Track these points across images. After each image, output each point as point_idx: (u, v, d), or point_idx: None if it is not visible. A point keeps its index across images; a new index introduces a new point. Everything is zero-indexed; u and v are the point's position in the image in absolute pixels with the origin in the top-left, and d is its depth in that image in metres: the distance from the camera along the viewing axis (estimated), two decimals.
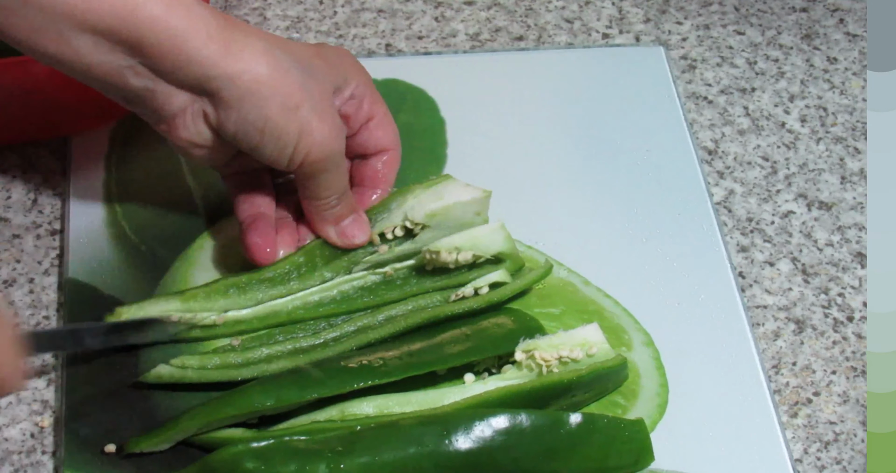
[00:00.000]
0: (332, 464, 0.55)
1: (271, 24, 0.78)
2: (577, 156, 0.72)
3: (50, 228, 0.68)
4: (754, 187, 0.72)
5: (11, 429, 0.60)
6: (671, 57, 0.78)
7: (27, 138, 0.71)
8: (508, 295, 0.64)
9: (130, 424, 0.60)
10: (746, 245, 0.69)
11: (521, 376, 0.60)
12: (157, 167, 0.70)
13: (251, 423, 0.59)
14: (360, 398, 0.59)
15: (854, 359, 0.65)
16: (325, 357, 0.61)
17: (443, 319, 0.63)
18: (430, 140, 0.72)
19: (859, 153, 0.74)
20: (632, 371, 0.63)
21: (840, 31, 0.81)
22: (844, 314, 0.67)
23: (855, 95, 0.77)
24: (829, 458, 0.61)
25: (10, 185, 0.69)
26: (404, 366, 0.59)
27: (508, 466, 0.57)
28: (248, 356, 0.61)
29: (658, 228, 0.69)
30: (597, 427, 0.58)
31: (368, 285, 0.65)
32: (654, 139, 0.73)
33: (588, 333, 0.61)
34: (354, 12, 0.79)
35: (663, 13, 0.81)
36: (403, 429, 0.57)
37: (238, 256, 0.65)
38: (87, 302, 0.64)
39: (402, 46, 0.77)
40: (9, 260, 0.66)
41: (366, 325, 0.63)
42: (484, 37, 0.78)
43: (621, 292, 0.66)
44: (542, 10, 0.80)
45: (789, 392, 0.64)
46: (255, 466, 0.55)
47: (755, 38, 0.80)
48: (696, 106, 0.76)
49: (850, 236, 0.70)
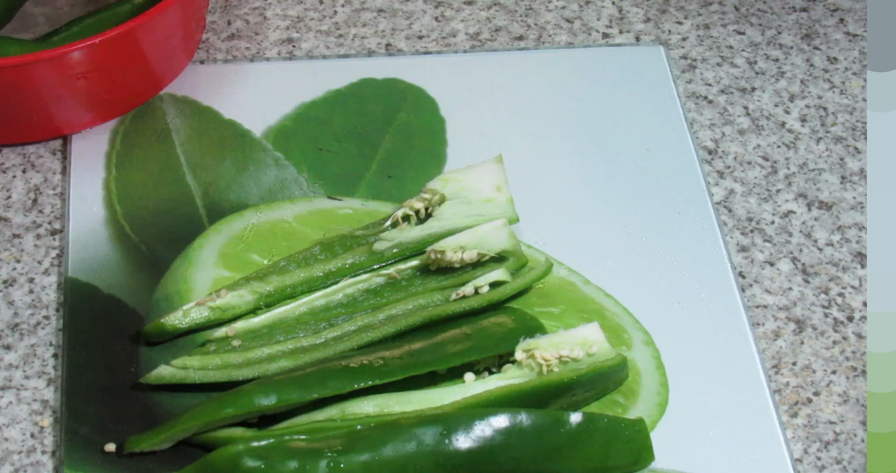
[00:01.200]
0: (333, 463, 0.55)
1: (271, 24, 0.78)
2: (576, 155, 0.72)
3: (50, 228, 0.68)
4: (754, 187, 0.72)
5: (11, 429, 0.60)
6: (671, 57, 0.78)
7: (27, 138, 0.71)
8: (508, 294, 0.64)
9: (130, 424, 0.60)
10: (746, 245, 0.69)
11: (522, 375, 0.60)
12: (157, 167, 0.70)
13: (251, 423, 0.59)
14: (361, 398, 0.59)
15: (854, 359, 0.65)
16: (326, 357, 0.61)
17: (443, 318, 0.63)
18: (430, 140, 0.72)
19: (859, 153, 0.74)
20: (632, 371, 0.63)
21: (840, 31, 0.81)
22: (844, 313, 0.67)
23: (855, 95, 0.77)
24: (829, 458, 0.61)
25: (10, 185, 0.69)
26: (405, 366, 0.59)
27: (508, 465, 0.57)
28: (248, 356, 0.61)
29: (658, 227, 0.69)
30: (597, 426, 0.58)
31: (373, 288, 0.65)
32: (654, 139, 0.73)
33: (588, 332, 0.61)
34: (354, 12, 0.79)
35: (663, 13, 0.81)
36: (404, 428, 0.57)
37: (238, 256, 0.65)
38: (87, 302, 0.64)
39: (402, 46, 0.77)
40: (9, 260, 0.66)
41: (366, 324, 0.63)
42: (484, 36, 0.78)
43: (621, 292, 0.66)
44: (542, 10, 0.80)
45: (789, 392, 0.64)
46: (256, 465, 0.55)
47: (755, 37, 0.80)
48: (696, 106, 0.76)
49: (850, 235, 0.70)
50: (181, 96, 0.74)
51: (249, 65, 0.76)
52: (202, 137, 0.72)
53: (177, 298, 0.64)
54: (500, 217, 0.66)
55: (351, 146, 0.72)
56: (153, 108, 0.73)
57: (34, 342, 0.63)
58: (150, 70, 0.72)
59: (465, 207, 0.67)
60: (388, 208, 0.68)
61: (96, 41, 0.65)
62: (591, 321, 0.62)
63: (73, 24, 0.73)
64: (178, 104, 0.73)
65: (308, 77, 0.75)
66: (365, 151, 0.72)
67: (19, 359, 0.62)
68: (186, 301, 0.63)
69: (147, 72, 0.72)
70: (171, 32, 0.70)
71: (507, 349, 0.61)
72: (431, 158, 0.72)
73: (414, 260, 0.66)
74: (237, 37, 0.77)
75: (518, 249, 0.65)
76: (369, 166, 0.71)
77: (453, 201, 0.67)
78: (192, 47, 0.75)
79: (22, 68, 0.65)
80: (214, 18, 0.78)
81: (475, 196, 0.67)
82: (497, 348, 0.61)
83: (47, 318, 0.64)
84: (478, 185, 0.67)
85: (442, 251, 0.64)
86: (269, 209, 0.68)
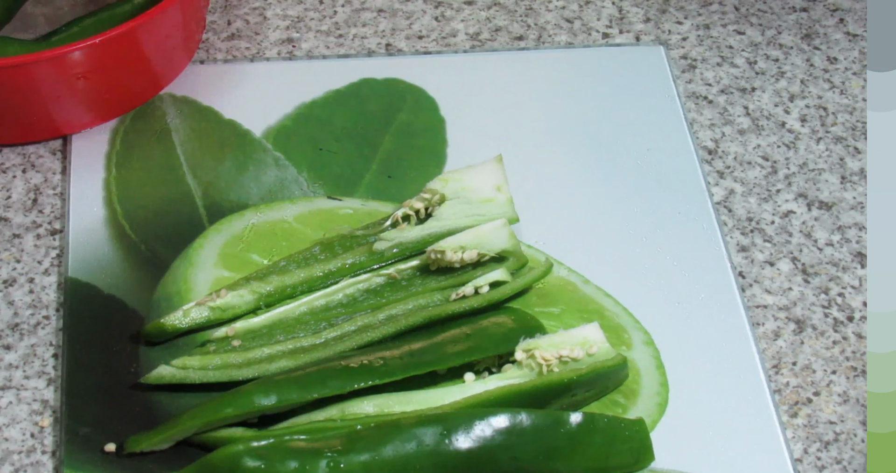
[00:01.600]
0: (332, 463, 0.55)
1: (271, 24, 0.78)
2: (576, 155, 0.72)
3: (50, 228, 0.68)
4: (754, 187, 0.72)
5: (11, 429, 0.60)
6: (671, 57, 0.78)
7: (27, 138, 0.71)
8: (508, 294, 0.64)
9: (130, 424, 0.60)
10: (746, 245, 0.69)
11: (522, 375, 0.60)
12: (157, 167, 0.70)
13: (251, 422, 0.59)
14: (361, 398, 0.59)
15: (854, 359, 0.65)
16: (326, 357, 0.61)
17: (443, 318, 0.63)
18: (430, 140, 0.72)
19: (859, 153, 0.74)
20: (632, 371, 0.63)
21: (840, 31, 0.81)
22: (844, 313, 0.67)
23: (855, 95, 0.77)
24: (829, 458, 0.61)
25: (10, 185, 0.69)
26: (405, 366, 0.59)
27: (508, 465, 0.57)
28: (248, 356, 0.61)
29: (658, 227, 0.69)
30: (597, 426, 0.58)
31: (373, 288, 0.65)
32: (654, 139, 0.73)
33: (588, 332, 0.61)
34: (354, 12, 0.79)
35: (663, 13, 0.81)
36: (404, 428, 0.57)
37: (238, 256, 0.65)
38: (87, 302, 0.64)
39: (402, 46, 0.77)
40: (9, 260, 0.66)
41: (366, 324, 0.63)
42: (484, 36, 0.78)
43: (621, 292, 0.66)
44: (542, 10, 0.80)
45: (789, 392, 0.64)
46: (256, 465, 0.55)
47: (755, 37, 0.80)
48: (696, 106, 0.76)
49: (850, 235, 0.70)
50: (181, 96, 0.74)
51: (249, 65, 0.76)
52: (202, 137, 0.72)
53: (177, 298, 0.64)
54: (500, 217, 0.66)
55: (351, 146, 0.72)
56: (153, 108, 0.73)
57: (34, 342, 0.63)
58: (150, 70, 0.72)
59: (465, 207, 0.67)
60: (388, 208, 0.68)
61: (96, 41, 0.65)
62: (591, 321, 0.62)
63: (73, 24, 0.73)
64: (178, 104, 0.73)
65: (308, 77, 0.75)
66: (365, 151, 0.72)
67: (19, 359, 0.62)
68: (186, 301, 0.63)
69: (147, 72, 0.72)
70: (171, 32, 0.70)
71: (507, 349, 0.61)
72: (431, 158, 0.72)
73: (414, 260, 0.66)
74: (237, 37, 0.77)
75: (518, 249, 0.65)
76: (369, 166, 0.71)
77: (453, 200, 0.67)
78: (192, 47, 0.75)
79: (22, 68, 0.65)
80: (214, 18, 0.78)
81: (475, 196, 0.67)
82: (497, 348, 0.61)
83: (47, 318, 0.64)
84: (478, 185, 0.67)
85: (442, 251, 0.64)
86: (269, 209, 0.68)
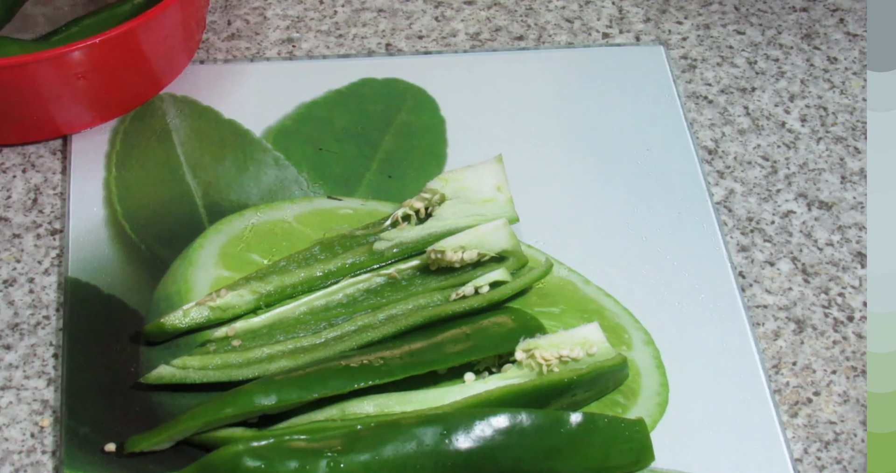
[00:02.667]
0: (333, 463, 0.55)
1: (271, 24, 0.78)
2: (576, 155, 0.72)
3: (50, 228, 0.68)
4: (754, 187, 0.72)
5: (11, 429, 0.60)
6: (671, 57, 0.78)
7: (27, 138, 0.71)
8: (509, 294, 0.64)
9: (130, 424, 0.60)
10: (746, 245, 0.69)
11: (522, 375, 0.60)
12: (157, 167, 0.70)
13: (251, 422, 0.59)
14: (361, 398, 0.59)
15: (854, 359, 0.65)
16: (326, 357, 0.61)
17: (443, 318, 0.63)
18: (430, 140, 0.72)
19: (859, 153, 0.74)
20: (632, 371, 0.63)
21: (840, 31, 0.81)
22: (844, 313, 0.67)
23: (855, 95, 0.77)
24: (829, 458, 0.61)
25: (10, 185, 0.69)
26: (405, 366, 0.59)
27: (508, 465, 0.57)
28: (248, 355, 0.61)
29: (658, 227, 0.69)
30: (597, 426, 0.58)
31: (373, 288, 0.65)
32: (654, 139, 0.73)
33: (588, 332, 0.61)
34: (354, 12, 0.79)
35: (663, 13, 0.81)
36: (404, 428, 0.57)
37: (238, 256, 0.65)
38: (87, 302, 0.64)
39: (402, 46, 0.77)
40: (9, 260, 0.66)
41: (366, 324, 0.63)
42: (484, 36, 0.78)
43: (621, 292, 0.66)
44: (542, 10, 0.80)
45: (789, 392, 0.64)
46: (256, 465, 0.55)
47: (755, 37, 0.80)
48: (696, 106, 0.76)
49: (850, 235, 0.70)
50: (181, 96, 0.74)
51: (249, 65, 0.76)
52: (202, 137, 0.72)
53: (177, 298, 0.64)
54: (500, 217, 0.66)
55: (351, 146, 0.72)
56: (153, 108, 0.73)
57: (34, 342, 0.63)
58: (150, 70, 0.72)
59: (465, 206, 0.67)
60: (388, 208, 0.68)
61: (96, 41, 0.65)
62: (591, 321, 0.62)
63: (73, 24, 0.73)
64: (178, 104, 0.73)
65: (308, 77, 0.75)
66: (365, 151, 0.72)
67: (19, 359, 0.62)
68: (186, 301, 0.63)
69: (147, 72, 0.72)
70: (171, 32, 0.70)
71: (507, 349, 0.61)
72: (431, 158, 0.72)
73: (414, 260, 0.66)
74: (237, 37, 0.77)
75: (518, 249, 0.65)
76: (369, 166, 0.71)
77: (453, 200, 0.67)
78: (192, 47, 0.75)
79: (22, 68, 0.65)
80: (214, 18, 0.78)
81: (475, 196, 0.67)
82: (497, 348, 0.61)
83: (47, 318, 0.64)
84: (478, 184, 0.67)
85: (442, 251, 0.64)
86: (269, 209, 0.68)
